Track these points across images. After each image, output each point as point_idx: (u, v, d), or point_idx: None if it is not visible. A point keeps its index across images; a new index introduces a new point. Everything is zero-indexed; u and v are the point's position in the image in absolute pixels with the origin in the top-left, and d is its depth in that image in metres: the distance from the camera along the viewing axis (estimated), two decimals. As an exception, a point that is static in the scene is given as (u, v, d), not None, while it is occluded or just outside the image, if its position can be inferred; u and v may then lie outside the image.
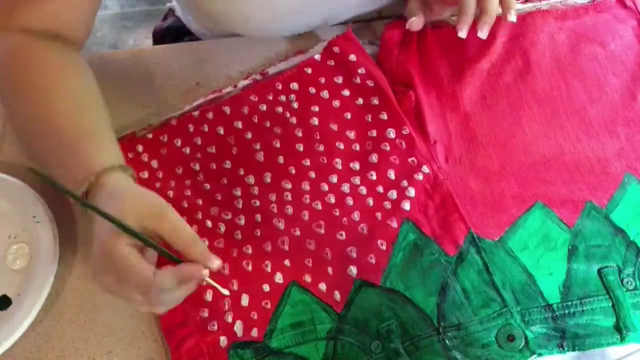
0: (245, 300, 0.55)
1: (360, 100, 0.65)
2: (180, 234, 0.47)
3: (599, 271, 0.56)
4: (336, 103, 0.65)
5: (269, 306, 0.55)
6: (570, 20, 0.69)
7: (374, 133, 0.63)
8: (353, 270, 0.56)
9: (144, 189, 0.51)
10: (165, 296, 0.47)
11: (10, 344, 0.54)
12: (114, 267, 0.46)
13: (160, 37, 0.89)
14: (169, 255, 0.48)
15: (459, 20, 0.61)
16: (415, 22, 0.66)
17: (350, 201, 0.60)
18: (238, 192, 0.61)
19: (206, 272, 0.46)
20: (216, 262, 0.47)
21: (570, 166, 0.61)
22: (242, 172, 0.62)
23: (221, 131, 0.64)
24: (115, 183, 0.51)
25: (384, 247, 0.57)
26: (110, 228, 0.47)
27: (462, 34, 0.62)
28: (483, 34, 0.62)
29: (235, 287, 0.56)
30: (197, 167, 0.62)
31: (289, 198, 0.60)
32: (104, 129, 0.56)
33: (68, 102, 0.56)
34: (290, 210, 0.59)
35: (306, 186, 0.60)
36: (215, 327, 0.54)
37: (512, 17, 0.63)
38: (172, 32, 0.86)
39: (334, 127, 0.63)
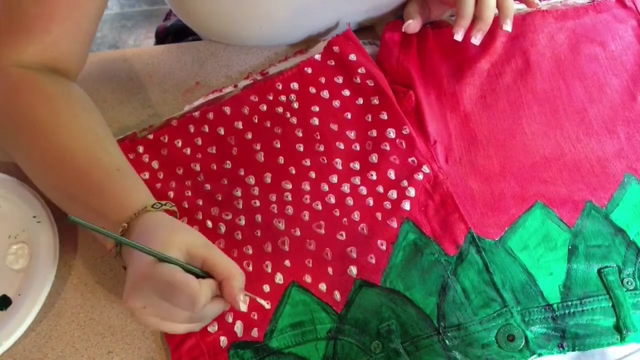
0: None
1: (360, 100, 0.65)
2: (228, 263, 0.50)
3: (599, 271, 0.56)
4: (336, 103, 0.65)
5: (269, 306, 0.55)
6: (570, 20, 0.69)
7: (374, 133, 0.63)
8: (353, 270, 0.56)
9: (181, 223, 0.53)
10: (207, 310, 0.49)
11: (10, 344, 0.54)
12: (158, 286, 0.47)
13: (163, 36, 0.89)
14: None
15: (455, 23, 0.62)
16: (412, 25, 0.66)
17: (350, 201, 0.60)
18: (238, 193, 0.61)
19: (244, 305, 0.49)
20: (243, 307, 0.49)
21: (570, 166, 0.61)
22: (242, 173, 0.62)
23: (221, 131, 0.64)
24: (153, 220, 0.51)
25: (384, 247, 0.57)
26: (151, 258, 0.48)
27: (459, 36, 0.62)
28: (477, 40, 0.62)
29: (236, 287, 0.56)
30: (198, 167, 0.62)
31: (289, 198, 0.60)
32: (126, 165, 0.56)
33: (84, 140, 0.55)
34: (290, 210, 0.60)
35: (306, 186, 0.61)
36: (215, 327, 0.54)
37: (508, 27, 0.63)
38: (175, 32, 0.87)
39: (334, 127, 0.63)
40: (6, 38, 0.56)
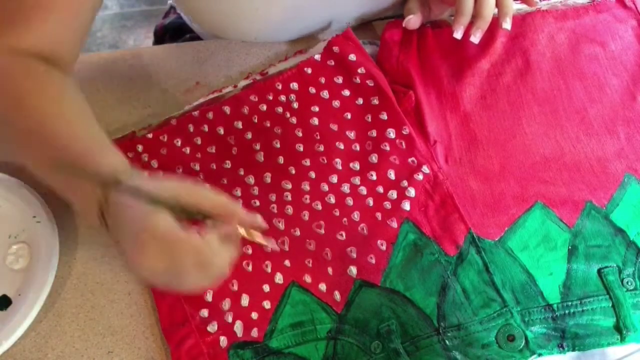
0: (245, 300, 0.55)
1: (360, 100, 0.65)
2: (217, 198, 0.49)
3: (599, 271, 0.56)
4: (336, 103, 0.65)
5: (269, 306, 0.55)
6: (570, 20, 0.69)
7: (374, 133, 0.63)
8: (353, 270, 0.56)
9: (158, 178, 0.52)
10: (216, 259, 0.48)
11: (10, 344, 0.54)
12: (162, 248, 0.46)
13: (162, 34, 0.89)
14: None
15: (455, 21, 0.61)
16: (413, 21, 0.66)
17: (350, 201, 0.60)
18: (238, 192, 0.61)
19: (241, 226, 0.48)
20: (257, 217, 0.49)
21: (570, 166, 0.61)
22: (242, 172, 0.62)
23: (221, 131, 0.64)
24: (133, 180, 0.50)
25: (383, 247, 0.57)
26: (144, 216, 0.46)
27: (458, 34, 0.62)
28: (476, 38, 0.62)
29: (235, 287, 0.56)
30: (197, 167, 0.62)
31: (289, 198, 0.60)
32: (107, 140, 0.55)
33: (70, 120, 0.54)
34: (290, 210, 0.59)
35: (306, 186, 0.60)
36: (215, 327, 0.54)
37: (507, 25, 0.63)
38: (174, 30, 0.87)
39: (334, 127, 0.63)
40: (5, 27, 0.56)
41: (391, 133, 0.62)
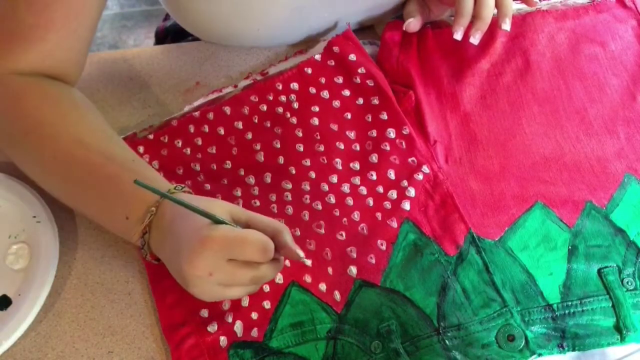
0: (245, 300, 0.55)
1: (360, 100, 0.65)
2: (271, 220, 0.50)
3: (599, 271, 0.56)
4: (336, 103, 0.65)
5: (269, 306, 0.55)
6: (570, 20, 0.69)
7: (374, 133, 0.63)
8: (353, 270, 0.56)
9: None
10: (270, 272, 0.50)
11: (10, 344, 0.54)
12: (225, 245, 0.47)
13: (163, 36, 0.89)
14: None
15: (455, 22, 0.62)
16: (412, 24, 0.66)
17: (350, 201, 0.60)
18: (238, 193, 0.61)
19: (302, 253, 0.50)
20: (302, 254, 0.50)
21: (570, 166, 0.61)
22: (242, 173, 0.62)
23: (221, 131, 0.64)
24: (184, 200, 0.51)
25: (383, 247, 0.57)
26: (202, 224, 0.48)
27: (458, 35, 0.62)
28: (475, 39, 0.62)
29: (236, 287, 0.56)
30: (198, 167, 0.62)
31: (289, 198, 0.60)
32: (138, 157, 0.56)
33: (94, 137, 0.55)
34: (290, 210, 0.59)
35: (306, 186, 0.60)
36: (215, 327, 0.54)
37: (506, 26, 0.63)
38: (175, 32, 0.87)
39: (334, 127, 0.63)
40: (4, 47, 0.56)
41: (391, 133, 0.62)
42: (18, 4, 0.54)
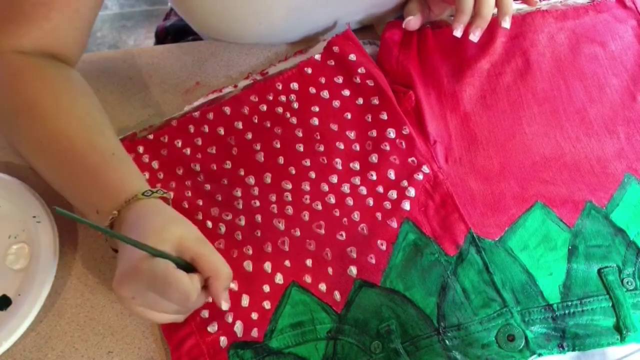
0: (245, 300, 0.55)
1: (360, 100, 0.65)
2: (217, 261, 0.49)
3: (599, 271, 0.56)
4: (336, 103, 0.65)
5: (269, 306, 0.55)
6: (570, 20, 0.69)
7: (374, 133, 0.63)
8: (353, 270, 0.56)
9: (176, 213, 0.52)
10: (194, 307, 0.51)
11: (10, 344, 0.54)
12: (150, 280, 0.47)
13: (163, 36, 0.89)
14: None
15: (455, 19, 0.62)
16: (412, 22, 0.66)
17: (350, 201, 0.60)
18: (238, 193, 0.61)
19: (225, 306, 0.49)
20: (225, 306, 0.49)
21: (570, 166, 0.61)
22: (242, 173, 0.62)
23: (221, 132, 0.64)
24: (146, 209, 0.51)
25: (383, 247, 0.57)
26: (135, 258, 0.48)
27: (458, 32, 0.62)
28: (475, 37, 0.62)
29: (236, 287, 0.56)
30: (198, 167, 0.62)
31: (289, 198, 0.60)
32: (121, 150, 0.56)
33: (81, 124, 0.55)
34: (290, 210, 0.59)
35: (306, 186, 0.60)
36: (215, 328, 0.54)
37: (506, 24, 0.63)
38: (175, 31, 0.87)
39: (334, 127, 0.63)
40: (5, 25, 0.56)
41: (391, 133, 0.62)
42: None
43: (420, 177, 0.60)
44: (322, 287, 0.56)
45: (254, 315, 0.55)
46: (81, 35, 0.60)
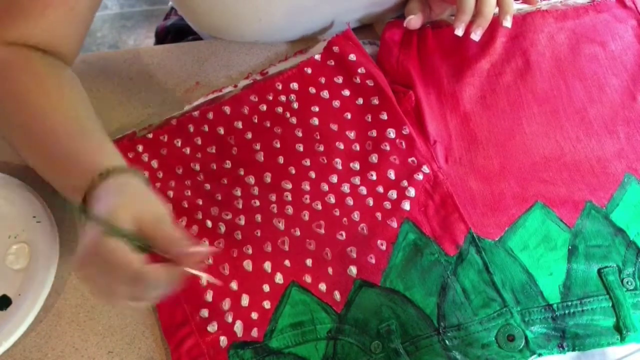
0: (245, 300, 0.55)
1: (360, 100, 0.65)
2: (172, 243, 0.46)
3: (599, 271, 0.56)
4: (336, 103, 0.65)
5: (269, 306, 0.55)
6: (570, 20, 0.69)
7: (374, 133, 0.63)
8: (353, 270, 0.56)
9: (148, 190, 0.50)
10: (152, 292, 0.46)
11: (10, 344, 0.54)
12: (100, 261, 0.45)
13: (163, 35, 0.89)
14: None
15: (456, 18, 0.61)
16: (414, 20, 0.66)
17: (350, 201, 0.60)
18: (238, 192, 0.61)
19: (187, 269, 0.46)
20: (202, 249, 0.47)
21: (570, 166, 0.61)
22: (242, 172, 0.62)
23: (221, 131, 0.64)
24: (113, 186, 0.49)
25: (383, 247, 0.57)
26: (99, 233, 0.46)
27: (459, 31, 0.62)
28: (476, 36, 0.62)
29: (235, 287, 0.56)
30: (197, 167, 0.62)
31: (289, 198, 0.60)
32: (105, 137, 0.55)
33: (66, 111, 0.55)
34: (290, 210, 0.59)
35: (306, 186, 0.60)
36: (215, 327, 0.54)
37: (507, 23, 0.63)
38: (175, 31, 0.86)
39: (334, 127, 0.63)
40: (2, 20, 0.56)
41: (391, 133, 0.62)
42: None
43: (420, 177, 0.60)
44: (322, 287, 0.56)
45: (254, 315, 0.55)
46: (77, 34, 0.60)
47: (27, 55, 0.57)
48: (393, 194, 0.60)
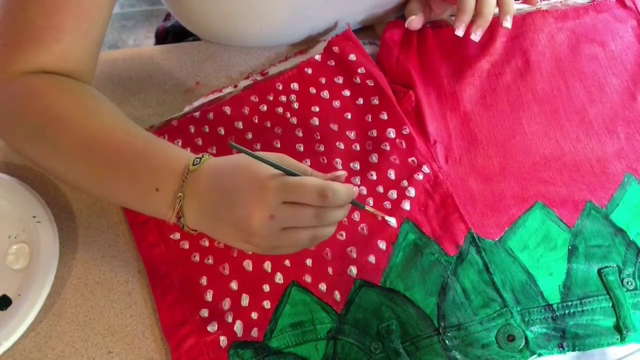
0: (245, 300, 0.55)
1: (360, 100, 0.65)
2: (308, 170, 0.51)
3: (599, 271, 0.56)
4: (336, 103, 0.65)
5: (269, 306, 0.55)
6: (570, 20, 0.69)
7: (374, 133, 0.63)
8: (353, 270, 0.56)
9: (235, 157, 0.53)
10: (335, 214, 0.50)
11: (10, 344, 0.54)
12: (285, 190, 0.47)
13: (163, 36, 0.89)
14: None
15: (456, 19, 0.62)
16: (415, 21, 0.66)
17: (350, 201, 0.59)
18: (238, 192, 0.61)
19: (356, 189, 0.51)
20: (340, 173, 0.51)
21: (570, 166, 0.61)
22: (242, 172, 0.62)
23: (222, 131, 0.64)
24: (220, 162, 0.52)
25: (383, 247, 0.57)
26: (256, 175, 0.49)
27: (459, 32, 0.62)
28: (476, 36, 0.62)
29: (235, 287, 0.56)
30: (197, 167, 0.62)
31: (289, 198, 0.60)
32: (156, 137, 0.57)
33: (114, 121, 0.55)
34: (290, 210, 0.59)
35: (306, 186, 0.60)
36: (215, 327, 0.54)
37: (507, 24, 0.63)
38: (175, 32, 0.86)
39: (334, 127, 0.63)
40: (16, 50, 0.55)
41: (391, 133, 0.62)
42: (29, 5, 0.53)
43: (420, 177, 0.60)
44: (322, 286, 0.56)
45: (254, 315, 0.55)
46: (91, 56, 0.59)
47: (53, 77, 0.56)
48: (393, 193, 0.60)
